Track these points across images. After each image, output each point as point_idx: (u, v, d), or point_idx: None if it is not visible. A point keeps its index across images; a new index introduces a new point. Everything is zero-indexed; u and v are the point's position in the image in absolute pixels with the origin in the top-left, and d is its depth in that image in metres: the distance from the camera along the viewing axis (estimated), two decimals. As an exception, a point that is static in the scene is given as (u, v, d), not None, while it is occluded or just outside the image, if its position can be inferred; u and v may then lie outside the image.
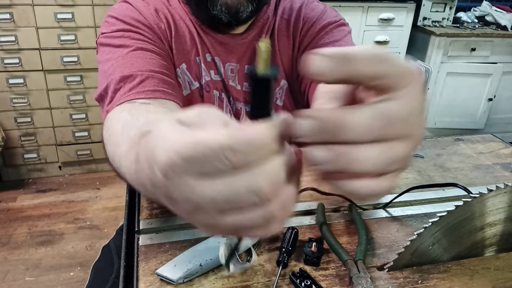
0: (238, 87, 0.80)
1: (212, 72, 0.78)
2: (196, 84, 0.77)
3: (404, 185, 0.67)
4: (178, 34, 0.75)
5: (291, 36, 0.81)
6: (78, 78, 2.20)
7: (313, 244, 0.49)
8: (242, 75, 0.79)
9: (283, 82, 0.82)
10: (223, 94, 0.79)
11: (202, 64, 0.76)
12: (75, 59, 2.18)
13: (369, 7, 2.45)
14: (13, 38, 2.06)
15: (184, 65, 0.76)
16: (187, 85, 0.76)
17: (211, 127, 0.26)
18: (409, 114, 0.26)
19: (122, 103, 0.57)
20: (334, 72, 0.25)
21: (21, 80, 2.15)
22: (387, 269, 0.48)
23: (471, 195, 0.46)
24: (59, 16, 2.08)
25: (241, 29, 0.77)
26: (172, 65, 0.72)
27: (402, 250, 0.47)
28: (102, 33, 0.72)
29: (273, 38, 0.80)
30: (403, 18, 2.55)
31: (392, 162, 0.26)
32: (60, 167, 2.42)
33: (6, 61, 2.09)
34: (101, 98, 0.63)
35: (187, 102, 0.75)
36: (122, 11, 0.73)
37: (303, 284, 0.45)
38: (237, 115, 0.81)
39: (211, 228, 0.28)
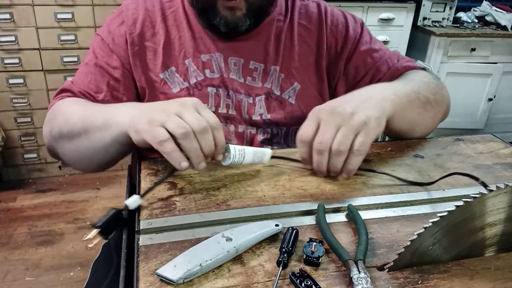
0: (241, 80, 0.84)
1: (207, 71, 0.84)
2: (186, 84, 0.84)
3: (404, 184, 0.67)
4: (168, 42, 0.83)
5: (314, 45, 0.88)
6: (78, 78, 2.20)
7: (313, 244, 0.49)
8: (246, 69, 0.85)
9: (296, 84, 0.86)
10: (220, 89, 0.84)
11: (193, 66, 0.83)
12: (75, 59, 2.18)
13: (369, 7, 2.46)
14: (13, 38, 2.06)
15: (173, 68, 0.83)
16: (177, 84, 0.84)
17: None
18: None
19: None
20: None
21: (21, 80, 2.15)
22: (387, 269, 0.48)
23: (471, 195, 0.46)
24: (59, 16, 2.09)
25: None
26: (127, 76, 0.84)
27: (402, 250, 0.47)
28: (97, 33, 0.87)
29: (293, 42, 0.87)
30: (403, 18, 2.55)
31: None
32: (60, 167, 2.42)
33: (6, 61, 2.09)
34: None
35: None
36: (112, 20, 0.85)
37: (303, 284, 0.45)
38: (237, 106, 0.83)
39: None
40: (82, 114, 0.71)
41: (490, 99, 2.73)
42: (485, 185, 0.66)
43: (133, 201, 0.57)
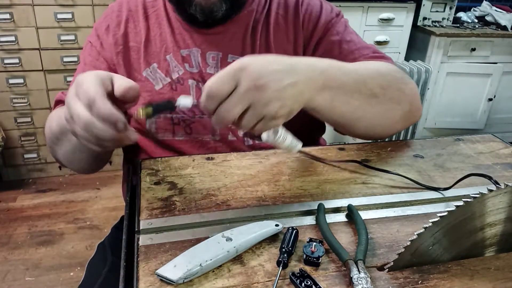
0: None
1: (186, 65, 0.84)
2: (168, 79, 0.84)
3: (404, 184, 0.67)
4: (148, 39, 0.85)
5: (292, 33, 0.86)
6: (78, 78, 2.20)
7: (313, 244, 0.49)
8: (225, 63, 0.84)
9: None
10: (200, 83, 0.84)
11: (174, 61, 0.84)
12: (75, 59, 2.18)
13: (369, 7, 2.46)
14: (13, 38, 2.06)
15: (155, 64, 0.84)
16: (159, 81, 0.84)
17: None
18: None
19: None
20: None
21: (21, 80, 2.15)
22: (387, 269, 0.48)
23: (471, 195, 0.46)
24: (59, 16, 2.08)
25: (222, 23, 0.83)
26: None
27: (402, 250, 0.47)
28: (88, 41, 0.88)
29: (268, 32, 0.86)
30: (403, 18, 2.55)
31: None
32: (60, 167, 2.42)
33: (6, 61, 2.09)
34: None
35: (160, 95, 0.84)
36: (99, 23, 0.87)
37: (303, 284, 0.45)
38: None
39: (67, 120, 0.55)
40: (57, 119, 0.73)
41: (490, 99, 2.73)
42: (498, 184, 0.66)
43: (187, 100, 0.57)
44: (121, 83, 0.55)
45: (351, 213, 0.58)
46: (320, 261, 0.49)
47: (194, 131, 0.83)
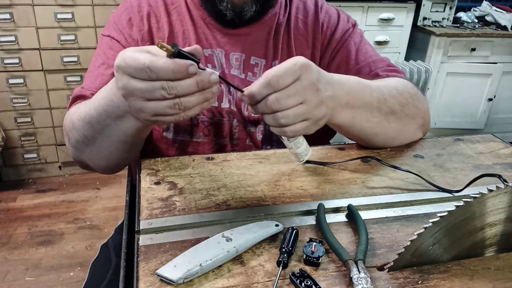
0: (242, 76, 0.85)
1: (209, 65, 0.84)
2: None
3: (404, 184, 0.67)
4: (172, 36, 0.84)
5: (310, 38, 0.88)
6: (78, 78, 2.20)
7: (313, 244, 0.49)
8: (247, 65, 0.84)
9: None
10: (222, 85, 0.83)
11: None
12: (75, 59, 2.18)
13: (369, 7, 2.46)
14: (13, 38, 2.06)
15: None
16: None
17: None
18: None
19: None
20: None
21: (21, 80, 2.15)
22: (387, 269, 0.48)
23: (471, 195, 0.46)
24: (59, 16, 2.08)
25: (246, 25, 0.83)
26: None
27: (402, 250, 0.47)
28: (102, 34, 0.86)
29: (290, 36, 0.87)
30: (403, 18, 2.55)
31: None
32: (60, 167, 2.42)
33: (6, 61, 2.09)
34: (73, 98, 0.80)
35: None
36: (118, 15, 0.85)
37: (303, 284, 0.45)
38: (238, 103, 0.83)
39: (139, 110, 0.53)
40: (88, 118, 0.66)
41: (490, 99, 2.73)
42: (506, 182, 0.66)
43: (215, 74, 0.53)
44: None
45: (351, 213, 0.58)
46: (320, 261, 0.49)
47: (212, 133, 0.83)
